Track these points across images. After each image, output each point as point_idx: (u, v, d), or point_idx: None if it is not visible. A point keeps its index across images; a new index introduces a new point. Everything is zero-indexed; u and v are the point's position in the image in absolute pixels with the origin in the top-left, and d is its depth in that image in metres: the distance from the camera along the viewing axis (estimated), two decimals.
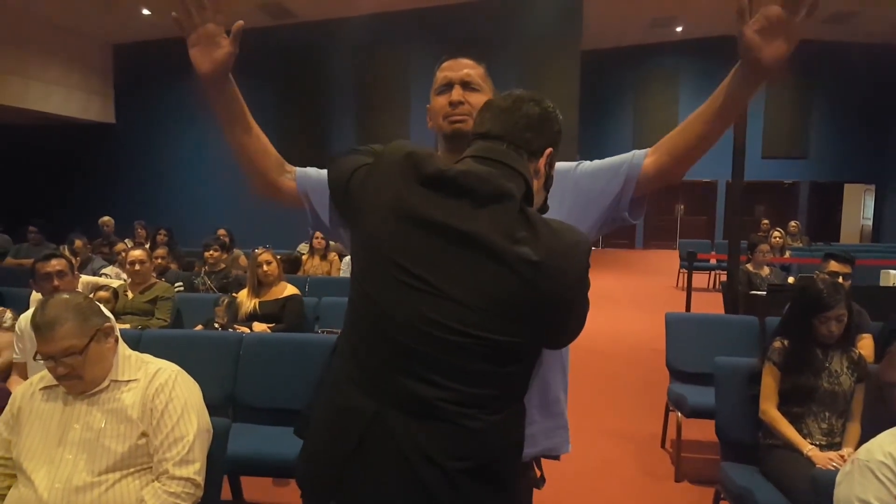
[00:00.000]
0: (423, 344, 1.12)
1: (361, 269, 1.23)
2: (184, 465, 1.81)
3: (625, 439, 4.05)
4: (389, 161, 1.22)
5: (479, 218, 1.12)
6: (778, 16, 1.20)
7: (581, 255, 1.15)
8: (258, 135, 1.53)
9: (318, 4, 11.78)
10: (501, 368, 1.13)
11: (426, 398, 1.12)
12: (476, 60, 1.52)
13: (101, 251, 7.65)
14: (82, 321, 1.80)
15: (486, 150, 1.22)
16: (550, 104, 1.30)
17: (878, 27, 14.48)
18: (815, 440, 2.53)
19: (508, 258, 1.10)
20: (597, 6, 12.18)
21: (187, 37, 1.40)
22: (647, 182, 1.41)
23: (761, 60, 1.23)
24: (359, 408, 1.16)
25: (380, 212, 1.19)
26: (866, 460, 1.56)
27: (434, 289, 1.12)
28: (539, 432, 1.43)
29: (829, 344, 2.62)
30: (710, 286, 10.42)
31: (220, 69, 1.43)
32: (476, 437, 1.12)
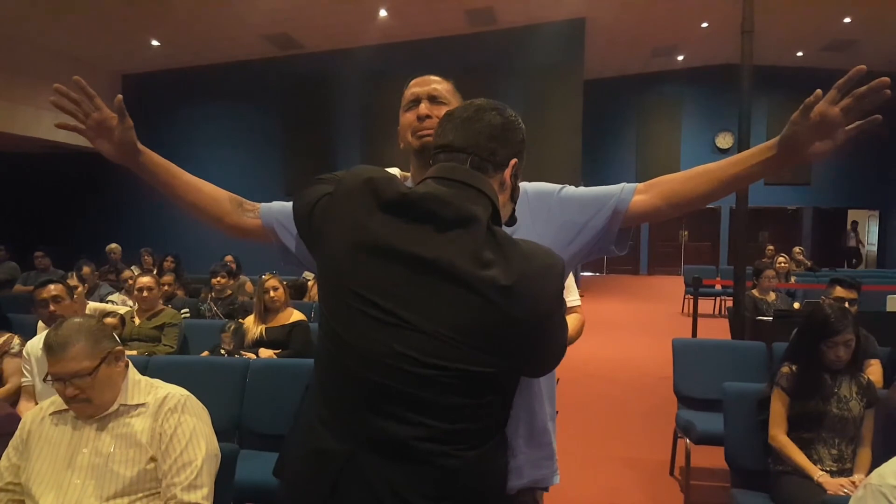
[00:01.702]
0: (392, 380, 1.07)
1: (325, 302, 1.19)
2: (192, 490, 1.81)
3: (633, 467, 4.01)
4: (348, 188, 1.18)
5: (444, 243, 1.08)
6: (835, 118, 1.19)
7: (554, 277, 1.11)
8: (200, 187, 1.53)
9: (324, 35, 11.96)
10: (477, 400, 1.08)
11: (399, 438, 1.07)
12: (443, 76, 1.50)
13: (107, 278, 7.68)
14: (94, 343, 1.81)
15: (447, 169, 1.17)
16: (512, 112, 1.26)
17: (878, 55, 14.60)
18: (826, 466, 2.51)
19: (477, 284, 1.05)
20: (599, 36, 12.34)
21: (85, 135, 1.43)
22: (634, 218, 1.38)
23: (805, 154, 1.23)
24: (330, 451, 1.12)
25: (340, 242, 1.15)
26: (879, 485, 1.55)
27: (401, 321, 1.07)
28: (525, 463, 1.37)
29: (838, 369, 2.62)
30: (715, 312, 10.40)
31: (125, 147, 1.44)
32: (453, 477, 1.08)
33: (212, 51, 12.47)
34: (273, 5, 10.48)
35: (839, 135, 1.20)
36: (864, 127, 1.19)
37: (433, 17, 11.34)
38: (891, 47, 13.97)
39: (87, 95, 1.39)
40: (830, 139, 1.21)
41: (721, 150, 16.32)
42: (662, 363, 3.93)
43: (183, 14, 10.62)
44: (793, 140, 1.23)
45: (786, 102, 16.25)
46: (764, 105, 15.79)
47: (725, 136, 16.22)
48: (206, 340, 4.45)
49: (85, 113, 1.40)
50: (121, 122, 1.41)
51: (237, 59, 12.82)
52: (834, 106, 1.18)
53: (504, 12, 11.36)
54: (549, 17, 11.54)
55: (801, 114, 1.21)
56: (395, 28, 11.69)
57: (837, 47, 14.17)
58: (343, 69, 12.69)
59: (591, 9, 11.41)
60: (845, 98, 1.18)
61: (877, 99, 1.17)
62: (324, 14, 10.95)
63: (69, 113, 1.40)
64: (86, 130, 1.42)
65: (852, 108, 1.18)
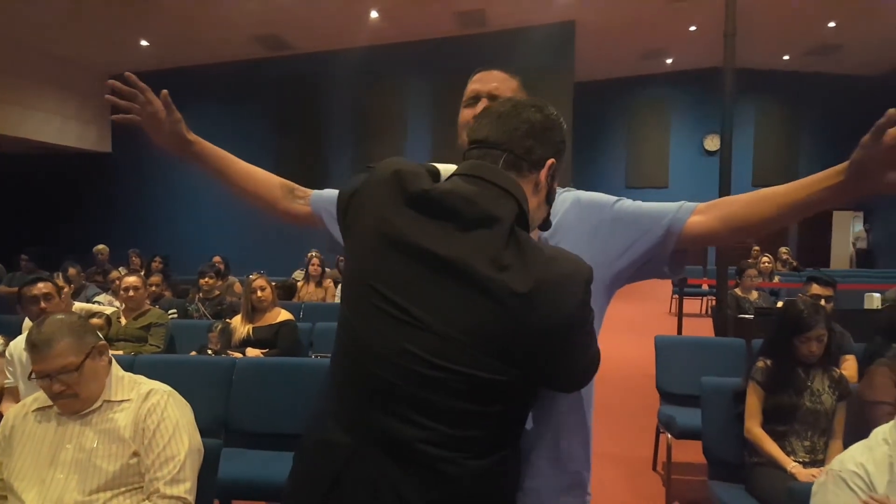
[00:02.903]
0: (401, 379, 1.04)
1: (346, 294, 1.17)
2: (174, 484, 1.84)
3: (617, 463, 4.07)
4: (378, 180, 1.14)
5: (463, 243, 1.04)
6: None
7: (576, 286, 1.04)
8: (252, 174, 1.56)
9: (314, 36, 11.97)
10: (484, 408, 1.04)
11: (405, 439, 1.04)
12: (510, 74, 1.46)
13: (95, 279, 7.68)
14: (78, 339, 1.84)
15: (475, 167, 1.13)
16: (554, 111, 1.20)
17: (862, 59, 14.76)
18: (799, 457, 2.58)
19: (492, 288, 1.00)
20: (589, 39, 12.41)
21: (142, 126, 1.46)
22: (689, 240, 1.28)
23: (876, 182, 1.10)
24: (336, 444, 1.10)
25: (364, 234, 1.13)
26: (839, 470, 1.60)
27: (413, 318, 1.04)
28: (545, 487, 1.26)
29: (811, 363, 2.68)
30: (702, 311, 10.49)
31: (176, 139, 1.48)
32: (454, 484, 1.04)
33: (201, 51, 12.46)
34: (263, 6, 10.48)
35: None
36: None
37: (424, 18, 11.37)
38: (874, 51, 14.12)
39: (139, 89, 1.43)
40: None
41: (709, 153, 16.44)
42: (648, 361, 3.99)
43: (172, 14, 10.61)
44: (863, 166, 1.10)
45: (772, 104, 16.43)
46: (751, 108, 15.94)
47: (714, 139, 16.33)
48: (194, 340, 4.46)
49: (140, 106, 1.44)
50: (168, 115, 1.45)
51: (227, 59, 12.81)
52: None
53: (494, 15, 11.41)
54: (540, 19, 11.60)
55: (873, 136, 1.07)
56: (386, 29, 11.72)
57: (822, 51, 14.31)
58: (334, 70, 12.71)
59: (581, 12, 11.48)
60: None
61: None
62: (314, 15, 10.96)
63: (123, 108, 1.44)
64: (141, 122, 1.45)
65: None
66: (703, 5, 11.16)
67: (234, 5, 10.42)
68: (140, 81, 1.43)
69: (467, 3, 10.80)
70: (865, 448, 1.64)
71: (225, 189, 1.57)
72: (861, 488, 1.54)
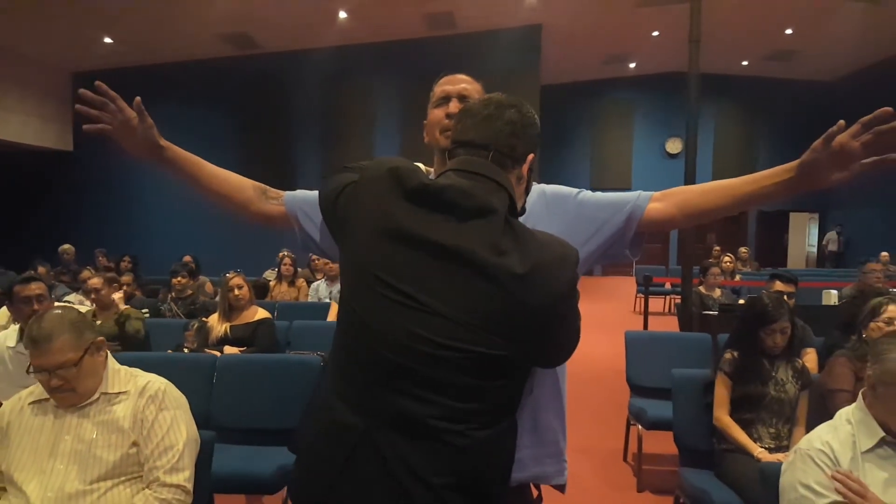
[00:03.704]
0: (410, 360, 1.11)
1: (349, 285, 1.23)
2: (174, 472, 1.88)
3: (589, 455, 4.19)
4: (374, 177, 1.22)
5: (464, 232, 1.12)
6: (854, 151, 1.23)
7: (568, 267, 1.15)
8: (225, 177, 1.58)
9: (282, 36, 11.92)
10: (489, 383, 1.12)
11: (414, 415, 1.11)
12: (474, 78, 1.56)
13: (61, 279, 7.56)
14: (77, 335, 1.87)
15: (468, 163, 1.22)
16: (529, 108, 1.31)
17: (818, 66, 15.28)
18: (765, 444, 2.71)
19: (494, 271, 1.09)
20: (555, 43, 12.61)
21: (112, 136, 1.47)
22: (648, 225, 1.43)
23: (821, 181, 1.28)
24: (348, 425, 1.16)
25: (366, 228, 1.19)
26: (807, 449, 1.73)
27: (420, 304, 1.11)
28: (528, 457, 1.38)
29: (775, 355, 2.83)
30: (665, 310, 10.74)
31: (149, 145, 1.49)
32: (462, 454, 1.11)
33: (167, 49, 12.30)
34: (231, 4, 10.40)
35: (855, 167, 1.25)
36: (880, 164, 1.24)
37: (393, 20, 11.42)
38: (830, 58, 14.62)
39: (109, 98, 1.44)
40: (847, 170, 1.26)
41: (670, 155, 16.81)
42: (615, 358, 4.13)
43: (137, 11, 10.45)
44: (812, 166, 1.27)
45: (732, 109, 16.87)
46: (712, 111, 16.34)
47: (675, 142, 16.71)
48: (169, 340, 4.45)
49: (110, 114, 1.45)
50: (141, 121, 1.46)
51: (193, 58, 12.67)
52: (855, 139, 1.23)
53: (463, 17, 11.52)
54: (507, 23, 11.76)
55: (824, 142, 1.25)
56: (355, 30, 11.74)
57: (780, 57, 14.77)
58: (302, 70, 12.67)
59: (548, 16, 11.67)
60: (866, 133, 1.22)
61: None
62: (282, 14, 10.92)
63: (94, 117, 1.45)
64: (112, 131, 1.46)
65: (871, 143, 1.22)
66: (665, 12, 11.44)
67: (201, 2, 10.32)
68: (110, 90, 1.44)
69: (436, 5, 10.88)
70: (830, 428, 1.78)
71: (197, 193, 1.58)
72: (827, 464, 1.67)
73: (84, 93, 1.43)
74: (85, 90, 1.43)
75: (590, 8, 11.49)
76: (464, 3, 10.91)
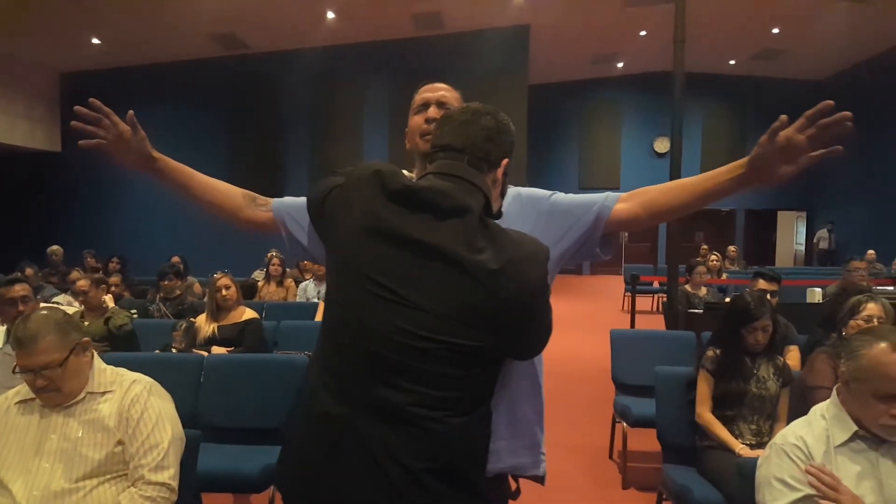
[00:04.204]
0: (392, 352, 1.18)
1: (335, 282, 1.30)
2: (159, 470, 1.89)
3: (575, 452, 4.23)
4: (358, 179, 1.28)
5: (442, 230, 1.19)
6: (800, 144, 1.29)
7: (539, 264, 1.23)
8: (214, 185, 1.62)
9: (271, 36, 11.91)
10: (466, 372, 1.19)
11: (396, 403, 1.17)
12: (452, 86, 1.64)
13: (50, 280, 7.53)
14: (62, 335, 1.88)
15: (446, 166, 1.29)
16: (504, 116, 1.38)
17: (805, 65, 15.40)
18: (746, 440, 2.75)
19: (470, 267, 1.16)
20: (543, 43, 12.66)
21: (107, 150, 1.52)
22: (615, 224, 1.48)
23: (770, 175, 1.33)
24: (332, 414, 1.22)
25: (351, 228, 1.25)
26: (781, 444, 1.76)
27: (402, 299, 1.18)
28: (504, 449, 1.42)
29: (757, 352, 2.86)
30: (653, 309, 10.80)
31: (142, 157, 1.53)
32: (439, 440, 1.18)
33: (155, 49, 12.26)
34: (219, 4, 10.39)
35: (803, 160, 1.30)
36: (826, 156, 1.29)
37: (381, 20, 11.44)
38: (816, 56, 14.74)
39: (103, 114, 1.48)
40: (794, 163, 1.31)
41: (658, 154, 16.90)
42: (602, 356, 4.17)
43: (125, 11, 10.43)
44: (760, 160, 1.33)
45: (719, 108, 16.98)
46: (699, 110, 16.44)
47: (663, 141, 16.79)
48: (157, 340, 4.45)
49: (104, 129, 1.49)
50: (134, 134, 1.50)
51: (182, 58, 12.64)
52: (800, 133, 1.29)
53: (451, 17, 11.55)
54: (495, 22, 11.79)
55: (769, 137, 1.31)
56: (343, 30, 11.75)
57: (767, 56, 14.89)
58: (290, 70, 12.66)
59: (535, 16, 11.71)
60: (811, 127, 1.28)
61: (840, 130, 1.28)
62: (271, 14, 10.91)
63: (90, 132, 1.49)
64: (107, 145, 1.51)
65: (816, 136, 1.28)
66: (653, 12, 11.51)
67: (189, 3, 10.30)
68: (104, 106, 1.48)
69: (423, 5, 10.90)
70: (805, 423, 1.81)
71: (188, 202, 1.62)
72: (801, 459, 1.70)
73: (79, 109, 1.47)
74: (80, 107, 1.47)
75: (577, 8, 11.54)
76: (451, 3, 10.94)
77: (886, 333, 1.70)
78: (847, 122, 1.28)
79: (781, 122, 1.30)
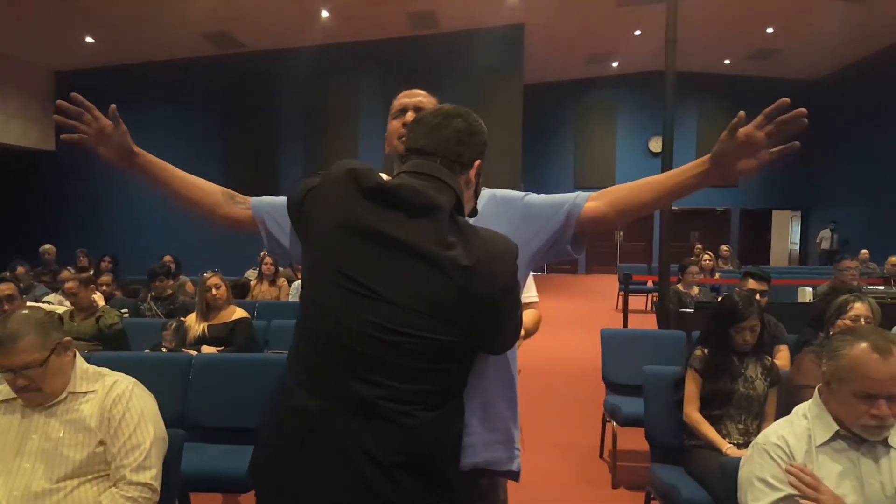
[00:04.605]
0: (364, 346, 1.20)
1: (310, 279, 1.33)
2: (141, 471, 1.89)
3: (566, 451, 4.23)
4: (334, 178, 1.31)
5: (415, 227, 1.22)
6: (759, 140, 1.32)
7: (509, 261, 1.26)
8: (194, 182, 1.63)
9: (265, 34, 11.89)
10: (437, 366, 1.22)
11: (367, 397, 1.19)
12: (429, 93, 1.68)
13: (42, 279, 7.51)
14: (43, 335, 1.87)
15: (419, 165, 1.32)
16: (476, 118, 1.40)
17: (800, 64, 15.42)
18: (733, 440, 2.75)
19: (442, 264, 1.19)
20: (537, 42, 12.65)
21: (89, 144, 1.53)
22: (586, 223, 1.49)
23: (728, 169, 1.37)
24: (304, 408, 1.24)
25: (326, 225, 1.28)
26: (763, 443, 1.76)
27: (375, 294, 1.21)
28: (478, 443, 1.45)
29: (745, 352, 2.86)
30: (647, 308, 10.81)
31: (123, 151, 1.54)
32: (410, 434, 1.20)
33: (149, 48, 12.24)
34: (213, 3, 10.37)
35: (762, 155, 1.34)
36: (785, 151, 1.33)
37: (375, 18, 11.43)
38: (811, 56, 14.77)
39: (85, 108, 1.50)
40: (755, 158, 1.35)
41: (653, 154, 16.91)
42: (595, 355, 4.17)
43: (119, 10, 10.40)
44: (721, 156, 1.36)
45: (715, 108, 16.99)
46: (694, 110, 16.46)
47: (658, 141, 16.79)
48: (147, 339, 4.43)
49: (86, 124, 1.51)
50: (116, 128, 1.51)
51: (176, 57, 12.62)
52: (759, 130, 1.32)
53: (446, 16, 11.54)
54: (490, 22, 11.78)
55: (728, 133, 1.34)
56: (338, 28, 11.73)
57: (762, 56, 14.90)
58: (285, 69, 12.64)
59: (530, 15, 11.70)
60: (769, 124, 1.32)
61: (796, 126, 1.31)
62: (265, 13, 10.89)
63: (70, 126, 1.50)
64: (88, 140, 1.52)
65: (774, 133, 1.32)
66: (647, 11, 11.51)
67: (183, 1, 10.28)
68: (86, 101, 1.50)
69: (418, 4, 10.89)
70: (787, 423, 1.81)
71: (168, 198, 1.63)
72: (782, 458, 1.70)
73: (61, 103, 1.49)
74: (62, 101, 1.48)
75: (571, 7, 11.54)
76: (445, 2, 10.93)
77: (867, 333, 1.70)
78: (803, 119, 1.31)
79: (740, 119, 1.32)
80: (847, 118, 15.17)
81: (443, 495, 1.26)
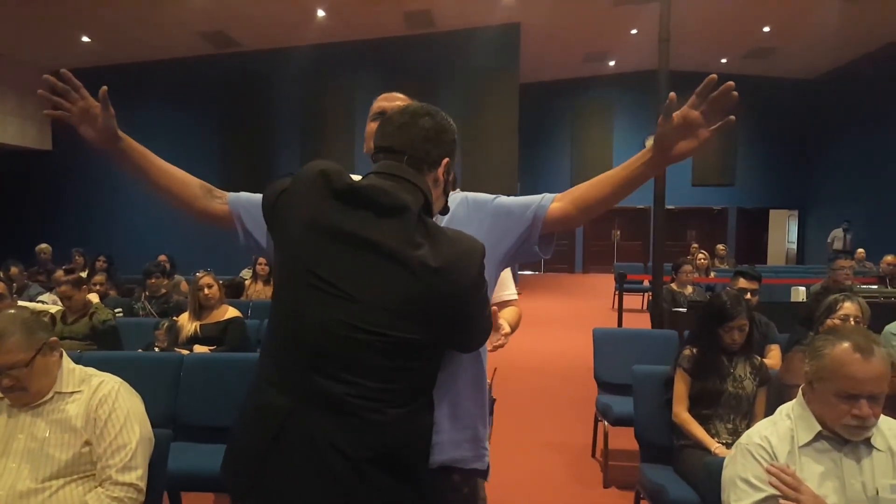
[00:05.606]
0: (333, 344, 1.22)
1: (280, 278, 1.35)
2: (126, 471, 1.89)
3: (558, 450, 4.24)
4: (305, 179, 1.32)
5: (383, 227, 1.24)
6: (696, 120, 1.35)
7: (476, 260, 1.27)
8: (173, 173, 1.62)
9: (261, 34, 11.88)
10: (405, 364, 1.24)
11: (335, 394, 1.21)
12: (408, 97, 1.68)
13: (37, 279, 7.51)
14: (29, 335, 1.87)
15: (388, 166, 1.34)
16: (444, 116, 1.42)
17: (796, 63, 15.42)
18: (722, 439, 2.75)
19: (410, 263, 1.21)
20: (533, 41, 12.64)
21: (71, 122, 1.54)
22: (552, 223, 1.51)
23: (671, 151, 1.39)
24: (275, 406, 1.26)
25: (296, 224, 1.29)
26: (746, 444, 1.77)
27: (343, 293, 1.23)
28: (447, 441, 1.47)
29: (734, 351, 2.87)
30: (643, 307, 10.82)
31: (107, 134, 1.54)
32: (379, 429, 1.22)
33: (145, 48, 12.23)
34: (209, 2, 10.36)
35: (702, 133, 1.37)
36: (722, 128, 1.35)
37: (371, 18, 11.42)
38: (807, 54, 14.76)
39: (72, 86, 1.50)
40: (694, 138, 1.38)
41: None
42: (589, 355, 4.18)
43: (115, 9, 10.39)
44: (662, 140, 1.39)
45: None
46: None
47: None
48: (140, 338, 4.44)
49: (71, 101, 1.51)
50: (104, 110, 1.52)
51: (172, 56, 12.61)
52: (694, 110, 1.35)
53: (442, 16, 11.53)
54: (486, 21, 11.77)
55: (664, 117, 1.37)
56: (334, 28, 11.72)
57: (759, 54, 14.90)
58: (281, 68, 12.63)
59: (526, 14, 11.70)
60: (703, 103, 1.35)
61: (728, 101, 1.34)
62: (260, 12, 10.88)
63: (56, 103, 1.51)
64: (71, 117, 1.52)
65: (709, 110, 1.35)
66: (644, 9, 11.50)
67: (180, 0, 10.27)
68: (74, 78, 1.50)
69: (414, 3, 10.88)
70: (770, 423, 1.82)
71: (146, 186, 1.63)
72: (764, 458, 1.71)
73: (49, 78, 1.51)
74: (48, 75, 1.51)
75: (567, 6, 11.53)
76: (442, 1, 10.92)
77: (849, 333, 1.71)
78: (733, 93, 1.33)
79: (671, 101, 1.35)
80: (844, 117, 15.18)
81: (412, 489, 1.28)
